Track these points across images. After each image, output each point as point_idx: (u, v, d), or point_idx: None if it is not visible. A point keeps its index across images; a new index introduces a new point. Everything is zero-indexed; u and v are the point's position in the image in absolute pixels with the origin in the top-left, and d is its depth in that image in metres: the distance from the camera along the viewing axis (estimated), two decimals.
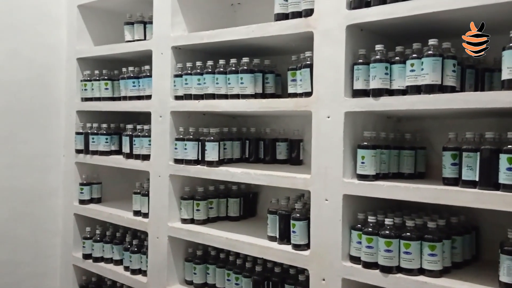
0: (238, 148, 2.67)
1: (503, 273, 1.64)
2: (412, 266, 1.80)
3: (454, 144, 1.84)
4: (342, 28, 1.95)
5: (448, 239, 1.85)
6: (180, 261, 2.67)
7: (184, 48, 2.62)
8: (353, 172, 1.99)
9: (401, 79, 1.87)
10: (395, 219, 1.89)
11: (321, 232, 2.02)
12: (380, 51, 1.91)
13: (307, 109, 2.07)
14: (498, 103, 1.61)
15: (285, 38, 2.23)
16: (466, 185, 1.73)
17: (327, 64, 2.01)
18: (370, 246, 1.88)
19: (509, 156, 1.60)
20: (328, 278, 1.98)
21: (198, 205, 2.59)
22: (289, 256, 2.12)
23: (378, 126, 2.13)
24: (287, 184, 2.15)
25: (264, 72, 2.41)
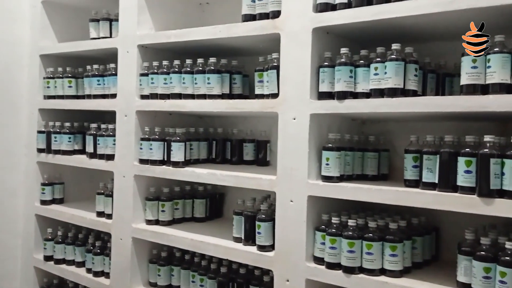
0: (204, 149, 2.65)
1: (460, 273, 1.69)
2: (374, 267, 1.83)
3: (415, 146, 1.88)
4: (308, 31, 1.97)
5: (409, 240, 1.89)
6: (144, 263, 2.63)
7: (150, 46, 2.59)
8: (318, 174, 2.01)
9: (365, 82, 1.90)
10: (358, 220, 1.92)
11: (286, 233, 2.02)
12: (345, 54, 1.94)
13: (273, 110, 2.08)
14: (457, 107, 1.66)
15: (253, 39, 2.24)
16: (426, 187, 1.77)
17: (293, 66, 2.02)
18: (333, 247, 1.90)
19: (467, 159, 1.64)
20: (292, 279, 1.99)
21: (163, 206, 2.56)
22: (253, 257, 2.12)
23: (343, 128, 2.16)
24: (253, 185, 2.15)
25: (231, 73, 2.41)
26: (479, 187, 1.60)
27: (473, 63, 1.65)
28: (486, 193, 1.58)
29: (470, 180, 1.63)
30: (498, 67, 1.60)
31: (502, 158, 1.58)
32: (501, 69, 1.59)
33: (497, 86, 1.60)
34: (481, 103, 1.61)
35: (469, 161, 1.64)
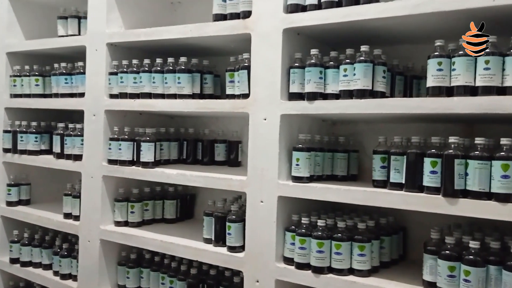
0: (175, 149, 2.62)
1: (426, 272, 1.72)
2: (343, 266, 1.85)
3: (383, 147, 1.91)
4: (279, 31, 1.97)
5: (377, 240, 1.91)
6: (112, 265, 2.59)
7: (120, 45, 2.55)
8: (288, 174, 2.01)
9: (335, 84, 1.92)
10: (327, 220, 1.93)
11: (256, 233, 2.02)
12: (315, 56, 1.95)
13: (244, 110, 2.08)
14: (423, 109, 1.69)
15: (224, 39, 2.23)
16: (394, 187, 1.80)
17: (264, 67, 2.02)
18: (303, 247, 1.90)
19: (433, 160, 1.67)
20: (262, 279, 1.99)
21: (132, 207, 2.53)
22: (224, 258, 2.11)
23: (314, 129, 2.17)
24: (223, 186, 2.14)
25: (202, 73, 2.39)
26: (444, 187, 1.63)
27: (438, 65, 1.68)
28: (450, 193, 1.61)
29: (436, 181, 1.66)
30: (462, 70, 1.63)
31: (466, 159, 1.61)
32: (465, 71, 1.63)
33: (461, 89, 1.64)
34: (446, 105, 1.64)
35: (435, 162, 1.66)
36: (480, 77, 1.61)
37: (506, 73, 1.58)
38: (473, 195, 1.58)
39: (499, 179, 1.53)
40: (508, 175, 1.52)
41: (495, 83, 1.59)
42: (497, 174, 1.54)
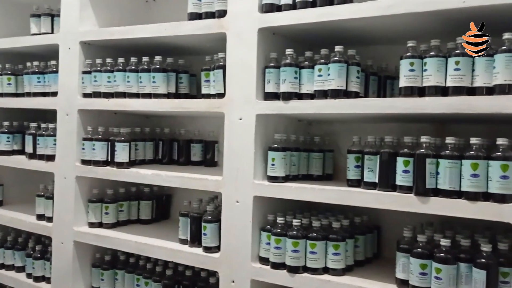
0: (151, 149, 2.60)
1: (399, 270, 1.74)
2: (318, 266, 1.85)
3: (357, 147, 1.92)
4: (254, 31, 1.97)
5: (351, 239, 1.93)
6: (86, 267, 2.55)
7: (93, 43, 2.51)
8: (264, 174, 2.01)
9: (310, 84, 1.92)
10: (302, 220, 1.93)
11: (232, 234, 2.01)
12: (290, 56, 1.95)
13: (219, 110, 2.07)
14: (395, 109, 1.71)
15: (199, 38, 2.21)
16: (367, 186, 1.81)
17: (239, 66, 2.01)
18: (278, 247, 1.90)
19: (405, 159, 1.69)
20: (238, 279, 1.99)
21: (107, 208, 2.49)
22: (199, 259, 2.10)
23: (290, 129, 2.18)
24: (199, 186, 2.13)
25: (178, 72, 2.37)
26: (416, 186, 1.65)
27: (410, 66, 1.70)
28: (422, 192, 1.63)
29: (408, 180, 1.68)
30: (433, 70, 1.66)
31: (437, 158, 1.63)
32: (436, 72, 1.65)
33: (433, 89, 1.66)
34: (418, 105, 1.66)
35: (407, 161, 1.69)
36: (450, 77, 1.63)
37: (476, 73, 1.61)
38: (444, 193, 1.61)
39: (469, 178, 1.55)
40: (477, 174, 1.54)
41: (465, 83, 1.62)
42: (466, 173, 1.56)
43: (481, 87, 1.60)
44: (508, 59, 1.53)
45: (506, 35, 1.56)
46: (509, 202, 1.49)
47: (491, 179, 1.53)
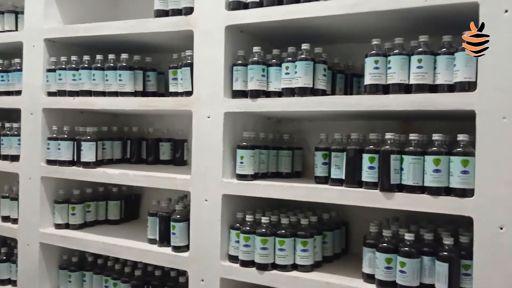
0: (118, 148, 2.56)
1: (365, 265, 1.76)
2: (286, 262, 1.86)
3: (324, 144, 1.94)
4: (221, 29, 1.96)
5: (320, 235, 1.94)
6: (53, 269, 2.51)
7: (58, 41, 2.46)
8: (232, 172, 2.01)
9: (278, 81, 1.93)
10: (271, 217, 1.94)
11: (201, 232, 2.01)
12: (257, 53, 1.95)
13: (187, 108, 2.05)
14: (361, 106, 1.73)
15: (166, 36, 2.19)
16: (334, 183, 1.83)
17: (207, 64, 2.00)
18: (247, 245, 1.91)
19: (370, 156, 1.71)
20: (207, 278, 1.98)
21: (73, 209, 2.45)
22: (168, 258, 2.08)
23: (259, 127, 2.18)
24: (167, 185, 2.11)
25: (145, 70, 2.34)
26: (381, 182, 1.68)
27: (375, 64, 1.73)
28: (387, 188, 1.66)
29: (373, 176, 1.71)
30: (397, 68, 1.69)
31: (401, 155, 1.66)
32: (400, 70, 1.68)
33: (396, 86, 1.69)
34: (382, 102, 1.69)
35: (372, 158, 1.71)
36: (413, 75, 1.67)
37: (438, 71, 1.65)
38: (408, 189, 1.64)
39: (431, 173, 1.59)
40: (439, 169, 1.58)
41: (427, 81, 1.65)
42: (429, 168, 1.60)
43: (443, 85, 1.63)
44: (468, 57, 1.57)
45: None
46: (470, 196, 1.53)
47: (452, 174, 1.57)
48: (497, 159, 1.48)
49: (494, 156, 1.48)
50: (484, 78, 1.51)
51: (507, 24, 1.48)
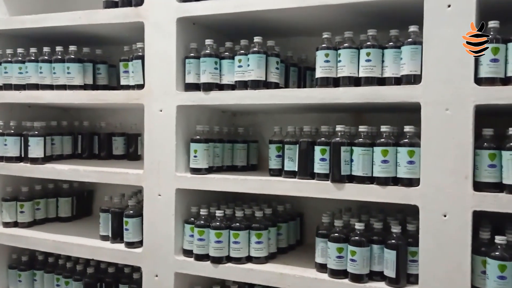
0: (69, 144, 2.49)
1: (318, 255, 1.79)
2: (241, 255, 1.87)
3: (278, 137, 1.95)
4: (172, 21, 1.93)
5: (274, 227, 1.96)
6: (2, 268, 2.42)
7: (3, 33, 2.36)
8: (186, 166, 1.99)
9: (231, 74, 1.92)
10: (225, 210, 1.94)
11: (154, 228, 1.98)
12: (210, 46, 1.94)
13: (139, 102, 2.02)
14: (312, 99, 1.75)
15: (116, 27, 2.14)
16: (288, 175, 1.85)
17: (159, 57, 1.97)
18: (201, 239, 1.90)
19: (322, 148, 1.74)
20: (161, 273, 1.96)
21: (22, 207, 2.36)
22: (121, 255, 2.05)
23: (213, 120, 2.17)
24: (119, 181, 2.07)
25: (95, 62, 2.28)
26: (332, 174, 1.71)
27: (325, 57, 1.75)
28: (337, 179, 1.69)
29: (325, 167, 1.73)
30: (347, 62, 1.72)
31: (351, 146, 1.70)
32: (349, 63, 1.71)
33: (346, 79, 1.72)
34: (333, 95, 1.72)
35: (324, 150, 1.74)
36: (362, 68, 1.70)
37: (385, 64, 1.69)
38: (358, 179, 1.68)
39: (380, 164, 1.63)
40: (387, 160, 1.62)
41: (375, 74, 1.69)
42: (377, 159, 1.64)
43: (390, 77, 1.68)
44: (413, 50, 1.62)
45: (412, 28, 1.64)
46: (416, 185, 1.58)
47: (399, 164, 1.62)
48: (440, 150, 1.54)
49: (437, 146, 1.54)
50: (428, 71, 1.56)
51: (450, 18, 1.53)
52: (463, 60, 1.51)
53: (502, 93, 1.47)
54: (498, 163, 1.50)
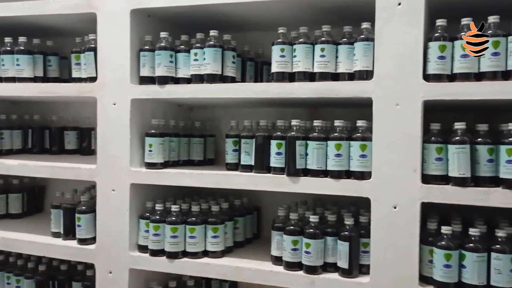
0: (19, 138, 2.40)
1: (274, 248, 1.81)
2: (197, 249, 1.86)
3: (235, 131, 1.95)
4: (126, 12, 1.89)
5: (231, 221, 1.97)
6: None
7: None
8: (141, 161, 1.96)
9: (186, 68, 1.91)
10: (182, 205, 1.93)
11: (108, 223, 1.94)
12: (165, 39, 1.91)
13: (91, 95, 1.97)
14: (268, 93, 1.76)
15: (68, 18, 2.08)
16: (244, 169, 1.85)
17: (112, 49, 1.93)
18: (157, 234, 1.88)
19: (278, 142, 1.76)
20: (115, 270, 1.93)
21: None
22: (74, 251, 2.00)
23: (169, 114, 2.14)
24: (71, 176, 2.02)
25: (46, 54, 2.21)
26: (287, 167, 1.73)
27: (281, 52, 1.76)
28: (293, 173, 1.71)
29: (281, 161, 1.75)
30: (302, 57, 1.73)
31: (306, 140, 1.72)
32: (304, 58, 1.73)
33: (301, 74, 1.74)
34: (288, 90, 1.73)
35: (280, 144, 1.75)
36: (317, 63, 1.73)
37: (339, 60, 1.72)
38: (313, 173, 1.70)
39: (333, 158, 1.66)
40: (340, 154, 1.66)
41: (330, 69, 1.72)
42: (331, 153, 1.67)
43: (344, 73, 1.71)
44: (366, 47, 1.65)
45: (364, 25, 1.68)
46: (367, 178, 1.62)
47: (352, 158, 1.65)
48: (390, 143, 1.58)
49: (388, 140, 1.59)
50: (379, 68, 1.60)
51: (400, 16, 1.58)
52: (413, 57, 1.56)
53: (449, 89, 1.53)
54: (445, 157, 1.56)
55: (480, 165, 1.52)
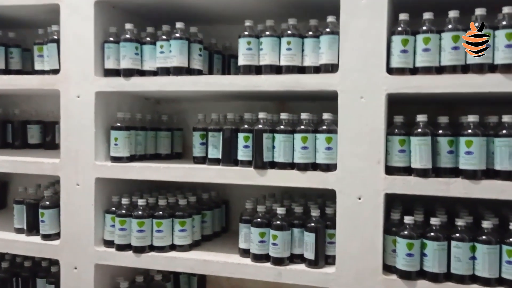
0: None
1: (241, 240, 1.82)
2: (164, 243, 1.85)
3: (202, 125, 1.94)
4: (90, 4, 1.86)
5: (198, 214, 1.96)
6: None
7: None
8: (107, 155, 1.93)
9: (152, 60, 1.88)
10: (149, 199, 1.91)
11: (73, 219, 1.91)
12: (130, 31, 1.88)
13: (54, 87, 1.92)
14: (235, 86, 1.76)
15: (30, 9, 2.02)
16: (212, 162, 1.85)
17: (75, 41, 1.89)
18: (123, 228, 1.86)
19: (245, 135, 1.76)
20: (80, 265, 1.90)
21: None
22: (37, 247, 1.96)
23: (135, 108, 2.12)
24: (34, 170, 1.97)
25: (7, 46, 2.15)
26: (254, 160, 1.73)
27: (248, 45, 1.76)
28: (260, 165, 1.72)
29: (248, 154, 1.75)
30: (269, 50, 1.74)
31: (273, 133, 1.73)
32: (271, 51, 1.74)
33: (268, 67, 1.74)
34: (255, 83, 1.73)
35: (247, 137, 1.76)
36: (283, 57, 1.73)
37: (305, 53, 1.73)
38: (280, 166, 1.71)
39: (300, 150, 1.68)
40: (307, 147, 1.67)
41: (296, 62, 1.73)
42: (298, 146, 1.68)
43: (310, 66, 1.72)
44: (331, 40, 1.67)
45: (330, 19, 1.69)
46: (333, 170, 1.65)
47: (318, 150, 1.67)
48: (355, 136, 1.61)
49: (352, 132, 1.61)
50: (344, 61, 1.62)
51: (364, 10, 1.60)
52: (376, 51, 1.59)
53: (411, 82, 1.56)
54: (407, 149, 1.59)
55: (441, 156, 1.56)
